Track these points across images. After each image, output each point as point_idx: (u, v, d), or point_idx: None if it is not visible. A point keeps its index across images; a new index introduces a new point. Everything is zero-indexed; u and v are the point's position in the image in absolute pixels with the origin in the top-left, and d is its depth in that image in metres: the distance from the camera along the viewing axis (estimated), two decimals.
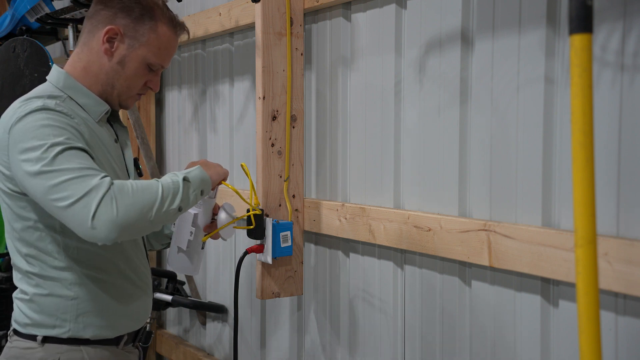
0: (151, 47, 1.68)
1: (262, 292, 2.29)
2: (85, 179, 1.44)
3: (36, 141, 1.48)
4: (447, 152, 1.88)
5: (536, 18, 1.63)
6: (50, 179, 1.45)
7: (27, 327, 1.64)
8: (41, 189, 1.46)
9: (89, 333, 1.65)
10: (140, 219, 1.47)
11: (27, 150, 1.49)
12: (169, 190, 1.53)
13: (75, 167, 1.46)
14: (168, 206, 1.52)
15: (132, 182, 1.50)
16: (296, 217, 2.34)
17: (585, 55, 1.05)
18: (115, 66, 1.67)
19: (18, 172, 1.51)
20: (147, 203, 1.48)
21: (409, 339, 2.04)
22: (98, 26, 1.67)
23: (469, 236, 1.75)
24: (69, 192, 1.43)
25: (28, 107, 1.54)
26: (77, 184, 1.43)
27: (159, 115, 3.53)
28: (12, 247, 1.66)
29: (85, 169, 1.46)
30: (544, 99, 1.63)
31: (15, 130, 1.52)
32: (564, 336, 1.61)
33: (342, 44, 2.26)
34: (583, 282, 1.06)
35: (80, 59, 1.69)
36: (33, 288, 1.63)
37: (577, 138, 1.06)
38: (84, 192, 1.42)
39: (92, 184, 1.43)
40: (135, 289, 1.74)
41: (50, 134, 1.49)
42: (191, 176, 1.60)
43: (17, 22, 3.36)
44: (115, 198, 1.43)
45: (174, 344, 3.34)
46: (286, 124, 2.29)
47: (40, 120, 1.51)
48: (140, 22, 1.66)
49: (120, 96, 1.70)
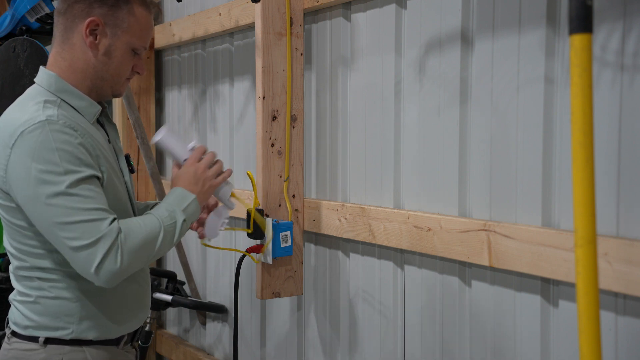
0: (133, 31, 1.65)
1: (262, 292, 2.29)
2: (96, 223, 1.50)
3: (49, 165, 1.48)
4: (447, 152, 1.88)
5: (536, 18, 1.63)
6: (62, 215, 1.49)
7: (27, 329, 1.63)
8: (49, 220, 1.49)
9: (92, 334, 1.65)
10: (141, 264, 1.59)
11: (40, 172, 1.48)
12: (169, 233, 1.61)
13: (87, 207, 1.50)
14: (166, 248, 1.62)
15: (137, 227, 1.56)
16: (296, 217, 2.34)
17: (585, 55, 1.05)
18: (102, 58, 1.64)
19: (23, 191, 1.51)
20: (149, 250, 1.58)
21: (409, 339, 2.04)
22: (75, 21, 1.63)
23: (469, 236, 1.75)
24: (78, 234, 1.49)
25: (30, 120, 1.51)
26: (87, 228, 1.49)
27: (159, 115, 3.53)
28: (13, 250, 1.64)
29: (96, 211, 1.51)
30: (544, 99, 1.63)
31: (20, 147, 1.50)
32: (564, 336, 1.61)
33: (342, 44, 2.26)
34: (583, 282, 1.06)
35: (64, 58, 1.66)
36: (36, 290, 1.62)
37: (577, 138, 1.06)
38: (92, 240, 1.49)
39: (101, 230, 1.49)
40: (137, 287, 1.74)
41: (63, 159, 1.49)
42: (188, 214, 1.67)
43: (17, 22, 3.36)
44: (121, 249, 1.51)
45: (174, 344, 3.34)
46: (286, 124, 2.29)
47: (50, 141, 1.49)
48: (117, 8, 1.63)
49: (113, 86, 1.69)
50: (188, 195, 1.68)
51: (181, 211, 1.64)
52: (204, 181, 1.72)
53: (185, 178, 1.71)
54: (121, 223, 1.54)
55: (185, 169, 1.73)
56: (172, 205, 1.65)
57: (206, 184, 1.72)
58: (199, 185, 1.71)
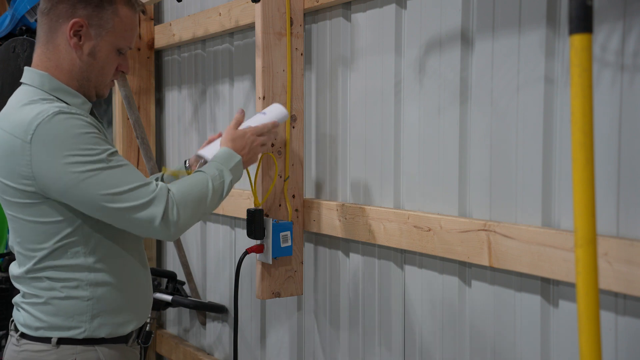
0: (118, 32, 1.65)
1: (262, 292, 2.29)
2: (144, 186, 1.56)
3: (78, 149, 1.51)
4: (447, 152, 1.88)
5: (536, 18, 1.63)
6: (108, 187, 1.52)
7: (39, 330, 1.62)
8: (97, 197, 1.52)
9: (104, 332, 1.65)
10: (196, 219, 1.65)
11: (72, 156, 1.50)
12: (217, 191, 1.68)
13: (128, 175, 1.55)
14: (215, 205, 1.69)
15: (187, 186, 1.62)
16: (296, 217, 2.34)
17: (585, 55, 1.05)
18: (87, 59, 1.63)
19: (60, 180, 1.51)
20: (201, 206, 1.64)
21: (409, 339, 2.04)
22: (59, 21, 1.61)
23: (469, 236, 1.75)
24: (131, 200, 1.54)
25: (42, 112, 1.51)
26: (138, 192, 1.55)
27: (159, 115, 3.53)
28: (24, 250, 1.62)
29: (138, 176, 1.57)
30: (544, 99, 1.63)
31: (41, 139, 1.50)
32: (564, 336, 1.61)
33: (342, 44, 2.26)
34: (583, 282, 1.06)
35: (50, 59, 1.64)
36: (46, 291, 1.61)
37: (577, 138, 1.06)
38: (147, 199, 1.55)
39: (152, 191, 1.56)
40: (143, 282, 1.75)
41: (89, 141, 1.52)
42: (235, 174, 1.74)
43: (17, 22, 3.36)
44: (176, 204, 1.58)
45: (174, 344, 3.34)
46: (286, 124, 2.29)
47: (70, 127, 1.51)
48: (101, 8, 1.62)
49: (97, 87, 1.69)
50: (234, 156, 1.76)
51: (229, 170, 1.72)
52: (250, 148, 1.82)
53: (236, 140, 1.80)
54: (170, 185, 1.61)
55: (240, 132, 1.82)
56: (221, 164, 1.72)
57: (251, 151, 1.82)
58: (245, 150, 1.80)
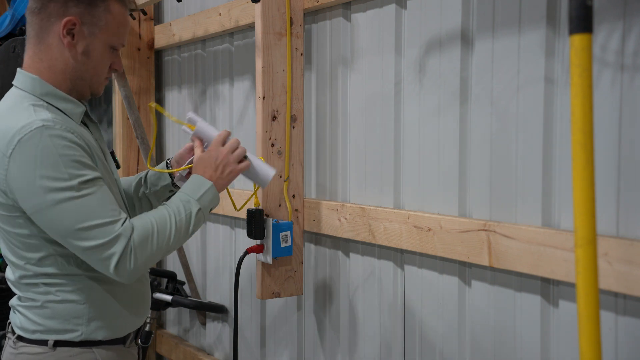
0: (111, 29, 1.62)
1: (262, 292, 2.29)
2: (109, 224, 1.52)
3: (53, 172, 1.47)
4: (447, 152, 1.88)
5: (536, 18, 1.63)
6: (74, 220, 1.50)
7: (35, 333, 1.62)
8: (62, 226, 1.51)
9: (100, 335, 1.64)
10: (158, 258, 1.61)
11: (45, 180, 1.47)
12: (182, 226, 1.62)
13: (97, 209, 1.51)
14: (182, 240, 1.64)
15: (149, 225, 1.57)
16: (296, 217, 2.34)
17: (585, 55, 1.05)
18: (81, 58, 1.61)
19: (30, 201, 1.50)
20: (163, 246, 1.59)
21: (409, 339, 2.04)
22: (50, 20, 1.58)
23: (469, 236, 1.75)
24: (92, 237, 1.51)
25: (26, 126, 1.49)
26: (101, 230, 1.51)
27: (159, 116, 3.53)
28: (14, 259, 1.62)
29: (107, 212, 1.53)
30: (544, 99, 1.63)
31: (20, 156, 1.48)
32: (564, 336, 1.61)
33: (342, 44, 2.26)
34: (583, 282, 1.06)
35: (42, 59, 1.61)
36: (43, 295, 1.60)
37: (577, 138, 1.06)
38: (107, 239, 1.51)
39: (115, 230, 1.52)
40: (140, 285, 1.74)
41: (67, 165, 1.49)
42: (204, 203, 1.66)
43: (17, 22, 3.36)
44: (134, 249, 1.53)
45: (174, 344, 3.34)
46: (286, 124, 2.29)
47: (50, 147, 1.48)
48: (94, 6, 1.59)
49: (91, 86, 1.66)
50: (204, 183, 1.67)
51: (196, 201, 1.64)
52: (224, 166, 1.71)
53: (206, 163, 1.72)
54: (133, 221, 1.56)
55: (207, 154, 1.73)
56: (188, 195, 1.65)
57: (226, 169, 1.72)
58: (218, 170, 1.71)
